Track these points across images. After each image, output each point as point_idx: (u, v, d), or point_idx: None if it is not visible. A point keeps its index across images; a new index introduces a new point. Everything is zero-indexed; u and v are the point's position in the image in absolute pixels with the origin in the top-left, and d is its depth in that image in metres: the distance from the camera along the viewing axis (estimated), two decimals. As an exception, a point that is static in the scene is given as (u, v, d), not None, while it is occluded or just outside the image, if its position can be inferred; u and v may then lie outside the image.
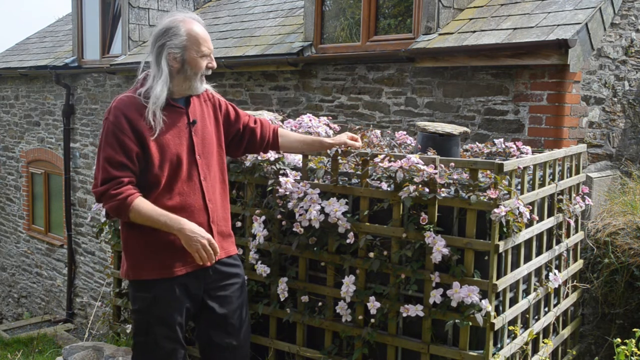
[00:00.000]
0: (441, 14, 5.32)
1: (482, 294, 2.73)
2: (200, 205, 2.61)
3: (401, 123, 5.56)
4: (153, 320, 2.59)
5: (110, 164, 2.46)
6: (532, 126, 4.71)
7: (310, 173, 3.21)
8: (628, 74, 5.24)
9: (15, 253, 11.41)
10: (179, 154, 2.55)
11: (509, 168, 2.77)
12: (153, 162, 2.51)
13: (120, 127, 2.48)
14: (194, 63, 2.56)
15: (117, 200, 2.43)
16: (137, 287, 2.61)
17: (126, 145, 2.46)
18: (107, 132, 2.50)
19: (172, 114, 2.58)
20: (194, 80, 2.59)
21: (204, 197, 2.62)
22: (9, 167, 11.53)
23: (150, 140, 2.49)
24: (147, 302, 2.58)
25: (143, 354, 2.65)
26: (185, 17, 2.60)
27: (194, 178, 2.60)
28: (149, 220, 2.47)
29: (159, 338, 2.59)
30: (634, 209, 4.48)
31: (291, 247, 3.15)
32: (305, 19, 6.38)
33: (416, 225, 2.82)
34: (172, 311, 2.58)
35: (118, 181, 2.44)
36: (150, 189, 2.53)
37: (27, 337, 8.83)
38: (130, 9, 8.75)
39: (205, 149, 2.66)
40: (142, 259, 2.57)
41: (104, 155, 2.48)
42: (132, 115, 2.50)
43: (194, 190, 2.60)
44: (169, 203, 2.53)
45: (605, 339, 4.10)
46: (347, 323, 3.06)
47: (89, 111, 9.47)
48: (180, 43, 2.54)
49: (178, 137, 2.57)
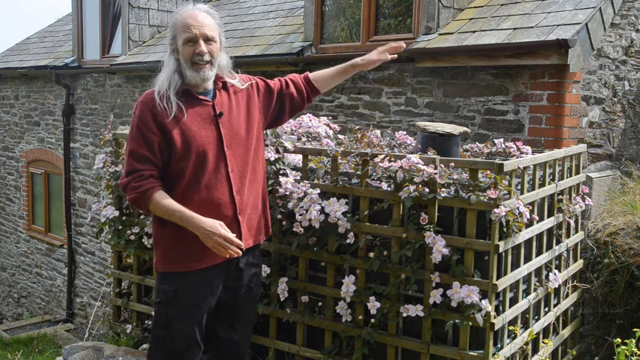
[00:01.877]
0: (441, 14, 5.32)
1: (482, 294, 2.73)
2: (227, 198, 2.61)
3: (401, 123, 5.56)
4: (172, 314, 2.60)
5: (134, 157, 2.52)
6: (532, 126, 4.71)
7: (310, 173, 3.21)
8: (628, 74, 5.24)
9: (15, 253, 11.41)
10: (205, 147, 2.56)
11: (509, 168, 2.77)
12: (178, 154, 2.53)
13: (144, 120, 2.53)
14: (183, 51, 2.57)
15: (137, 192, 2.49)
16: (162, 279, 2.64)
17: (149, 138, 2.51)
18: (132, 126, 2.57)
19: (196, 106, 2.59)
20: (188, 69, 2.57)
21: (231, 190, 2.61)
22: (9, 167, 11.53)
23: (174, 132, 2.51)
24: (168, 295, 2.60)
25: (159, 348, 2.66)
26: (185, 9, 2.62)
27: (222, 170, 2.60)
28: (166, 213, 2.51)
29: (176, 333, 2.61)
30: (634, 209, 4.48)
31: (291, 247, 3.15)
32: (305, 19, 6.38)
33: (416, 225, 2.82)
34: (191, 307, 2.60)
35: (139, 174, 2.50)
36: (176, 181, 2.55)
37: (27, 337, 8.83)
38: (130, 9, 8.75)
39: (234, 140, 2.64)
40: (168, 251, 2.60)
41: (128, 148, 2.56)
42: (155, 108, 2.53)
43: (221, 183, 2.59)
44: (196, 197, 2.55)
45: (605, 339, 4.10)
46: (347, 323, 3.06)
47: (89, 111, 9.47)
48: (172, 34, 2.61)
49: (204, 130, 2.58)
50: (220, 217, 2.56)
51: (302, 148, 3.21)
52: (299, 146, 3.24)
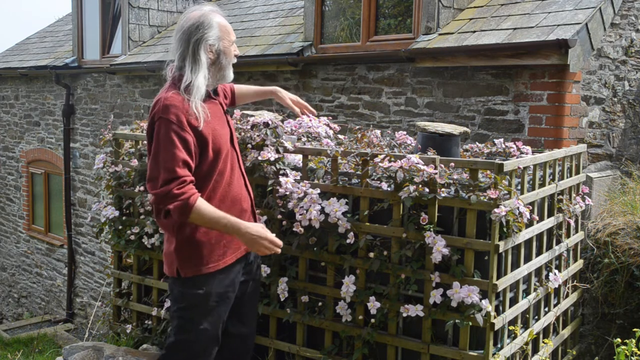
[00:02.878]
0: (441, 14, 5.32)
1: (482, 294, 2.73)
2: (245, 192, 2.72)
3: (401, 123, 5.56)
4: (200, 316, 2.60)
5: (173, 162, 2.40)
6: (532, 126, 4.71)
7: (310, 173, 3.21)
8: (628, 74, 5.24)
9: (15, 253, 11.41)
10: (227, 145, 2.64)
11: (509, 168, 2.77)
12: (209, 154, 2.54)
13: (179, 124, 2.44)
14: (228, 52, 2.64)
15: (181, 200, 2.37)
16: (188, 284, 2.59)
17: (187, 141, 2.44)
18: (166, 130, 2.43)
19: (212, 105, 2.65)
20: (228, 68, 2.67)
21: (245, 184, 2.73)
22: (9, 167, 11.53)
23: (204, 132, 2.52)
24: (197, 298, 2.59)
25: (179, 351, 2.66)
26: (211, 10, 2.65)
27: (236, 167, 2.70)
28: (210, 222, 2.45)
29: (202, 335, 2.62)
30: (634, 209, 4.48)
31: (291, 247, 3.15)
32: (305, 19, 6.38)
33: (416, 225, 2.82)
34: (220, 306, 2.63)
35: (181, 180, 2.39)
36: (206, 180, 2.57)
37: (27, 337, 8.83)
38: (130, 9, 8.75)
39: (234, 136, 2.77)
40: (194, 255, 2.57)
41: (165, 155, 2.41)
42: (185, 111, 2.48)
43: (238, 178, 2.69)
44: (219, 193, 2.59)
45: (605, 339, 4.10)
46: (347, 323, 3.06)
47: (89, 111, 9.47)
48: (215, 34, 2.59)
49: (223, 128, 2.65)
50: (241, 211, 2.66)
51: (302, 148, 3.22)
52: (299, 146, 3.24)
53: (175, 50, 2.61)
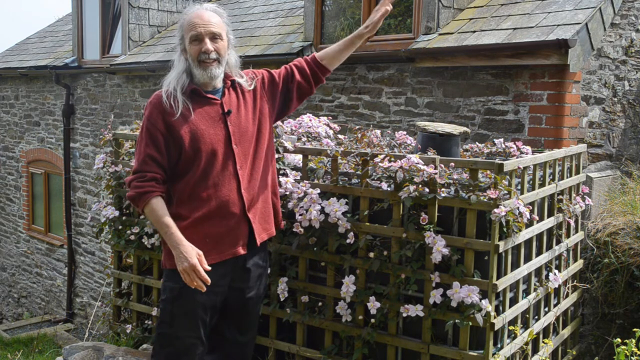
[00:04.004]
0: (441, 14, 5.32)
1: (482, 294, 2.73)
2: (235, 195, 2.63)
3: (401, 123, 5.56)
4: (177, 311, 2.62)
5: (141, 156, 2.57)
6: (532, 126, 4.71)
7: (310, 173, 3.21)
8: (628, 74, 5.24)
9: (15, 253, 11.41)
10: (213, 145, 2.59)
11: (509, 168, 2.77)
12: (187, 152, 2.56)
13: (152, 120, 2.58)
14: (189, 50, 2.61)
15: (136, 192, 2.54)
16: (169, 276, 2.66)
17: (157, 138, 2.56)
18: (142, 127, 2.63)
19: (204, 105, 2.62)
20: (195, 68, 2.61)
21: (239, 187, 2.64)
22: (9, 167, 11.52)
23: (182, 130, 2.55)
24: (174, 292, 2.61)
25: (164, 346, 2.68)
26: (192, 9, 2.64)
27: (230, 168, 2.62)
28: (156, 223, 2.56)
29: (181, 330, 2.62)
30: (634, 209, 4.48)
31: (291, 247, 3.15)
32: (305, 19, 6.38)
33: (416, 225, 2.82)
34: (196, 305, 2.61)
35: (142, 175, 2.55)
36: (186, 179, 2.59)
37: (27, 337, 8.83)
38: (130, 9, 8.75)
39: (244, 137, 2.67)
40: None
41: (138, 148, 2.62)
42: (162, 107, 2.58)
43: (229, 181, 2.62)
44: (204, 194, 2.58)
45: (605, 339, 4.10)
46: (347, 323, 3.06)
47: (89, 111, 9.47)
48: (180, 35, 2.64)
49: (213, 128, 2.61)
50: (228, 214, 2.61)
51: (302, 148, 3.22)
52: (299, 146, 3.24)
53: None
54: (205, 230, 2.59)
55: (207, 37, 2.58)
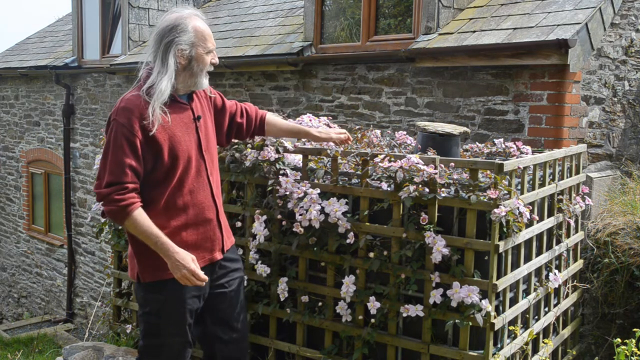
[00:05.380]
0: (441, 14, 5.32)
1: (482, 294, 2.72)
2: (210, 201, 2.66)
3: (401, 123, 5.56)
4: (164, 321, 2.60)
5: (119, 167, 2.42)
6: (532, 126, 4.71)
7: (310, 173, 3.21)
8: (628, 74, 5.24)
9: (15, 253, 11.41)
10: (189, 151, 2.58)
11: (509, 168, 2.77)
12: (165, 160, 2.50)
13: (130, 128, 2.44)
14: (201, 59, 2.58)
15: (118, 206, 2.41)
16: (149, 288, 2.61)
17: (136, 147, 2.44)
18: (116, 134, 2.46)
19: (178, 110, 2.59)
20: (200, 76, 2.61)
21: (212, 192, 2.67)
22: (9, 167, 11.53)
23: (159, 138, 2.48)
24: (159, 303, 2.59)
25: (152, 355, 2.67)
26: (190, 14, 2.59)
27: (202, 174, 2.63)
28: (142, 234, 2.46)
29: (170, 339, 2.62)
30: (634, 209, 4.48)
31: (291, 247, 3.15)
32: (305, 19, 6.38)
33: (416, 225, 2.82)
34: (183, 311, 2.61)
35: (123, 187, 2.42)
36: (162, 187, 2.53)
37: (27, 337, 8.83)
38: (130, 9, 8.75)
39: (209, 144, 2.71)
40: (155, 259, 2.55)
41: (112, 157, 2.44)
42: (140, 114, 2.47)
43: (203, 187, 2.63)
44: (180, 201, 2.56)
45: (605, 339, 4.10)
46: (347, 323, 3.06)
47: (89, 111, 9.47)
48: (188, 39, 2.54)
49: (187, 134, 2.59)
50: (204, 220, 2.63)
51: (302, 148, 3.22)
52: (299, 146, 3.24)
53: (149, 50, 2.62)
54: (184, 238, 2.57)
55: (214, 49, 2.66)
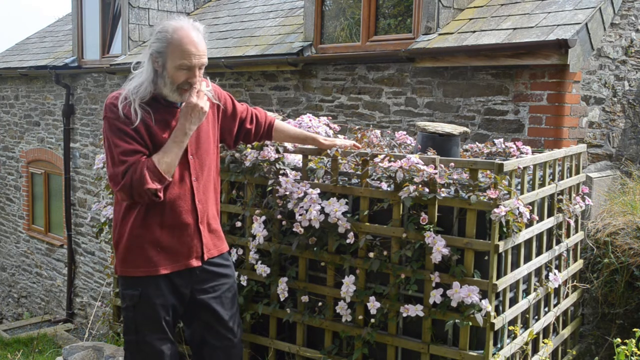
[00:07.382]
0: (441, 14, 5.32)
1: (482, 294, 2.72)
2: (189, 207, 2.61)
3: (401, 123, 5.56)
4: (140, 317, 2.60)
5: (125, 154, 2.43)
6: (532, 126, 4.72)
7: (310, 173, 3.21)
8: (628, 74, 5.24)
9: (15, 253, 11.41)
10: None
11: (509, 168, 2.77)
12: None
13: (118, 118, 2.47)
14: (171, 73, 2.48)
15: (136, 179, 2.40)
16: (126, 283, 2.63)
17: (131, 133, 2.46)
18: (111, 128, 2.48)
19: (165, 114, 2.56)
20: (170, 89, 2.52)
21: (193, 198, 2.62)
22: (9, 167, 11.53)
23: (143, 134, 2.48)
24: (134, 299, 2.59)
25: (133, 352, 2.66)
26: (182, 26, 2.48)
27: (185, 179, 2.60)
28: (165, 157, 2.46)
29: (148, 336, 2.60)
30: (634, 209, 4.48)
31: (291, 247, 3.15)
32: (305, 19, 6.38)
33: (416, 225, 2.82)
34: (158, 309, 2.59)
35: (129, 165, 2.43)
36: None
37: (27, 337, 8.83)
38: (130, 9, 8.75)
39: (200, 148, 2.65)
40: (129, 255, 2.57)
41: (117, 150, 2.45)
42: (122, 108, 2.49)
43: (184, 192, 2.60)
44: (158, 206, 2.54)
45: (605, 339, 4.10)
46: (347, 323, 3.06)
47: (89, 111, 9.47)
48: (161, 48, 2.47)
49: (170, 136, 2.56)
50: (181, 224, 2.59)
51: (302, 148, 3.21)
52: (299, 146, 3.24)
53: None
54: (159, 239, 2.56)
55: (197, 68, 2.49)
